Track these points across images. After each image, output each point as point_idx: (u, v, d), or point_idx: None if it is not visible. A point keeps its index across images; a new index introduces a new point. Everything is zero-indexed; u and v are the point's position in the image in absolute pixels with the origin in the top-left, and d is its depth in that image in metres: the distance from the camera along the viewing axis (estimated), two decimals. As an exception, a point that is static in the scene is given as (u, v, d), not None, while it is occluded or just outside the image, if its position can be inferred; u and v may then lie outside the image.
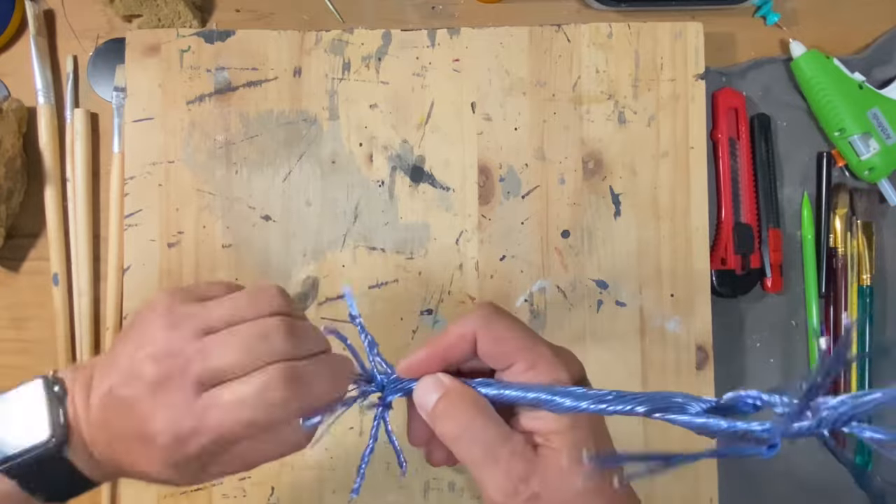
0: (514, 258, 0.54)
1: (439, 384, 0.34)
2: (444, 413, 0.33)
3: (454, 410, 0.33)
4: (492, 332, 0.34)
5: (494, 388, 0.34)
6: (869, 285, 0.56)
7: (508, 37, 0.56)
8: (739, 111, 0.57)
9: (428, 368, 0.35)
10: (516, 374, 0.34)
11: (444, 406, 0.34)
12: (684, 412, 0.30)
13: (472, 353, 0.35)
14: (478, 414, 0.33)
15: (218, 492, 0.53)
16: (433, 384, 0.34)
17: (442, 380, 0.34)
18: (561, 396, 0.32)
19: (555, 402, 0.32)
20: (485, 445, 0.32)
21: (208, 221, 0.55)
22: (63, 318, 0.56)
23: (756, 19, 0.60)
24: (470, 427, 0.33)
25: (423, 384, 0.35)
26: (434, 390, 0.34)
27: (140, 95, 0.55)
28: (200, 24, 0.58)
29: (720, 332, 0.55)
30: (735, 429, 0.28)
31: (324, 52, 0.56)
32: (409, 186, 0.55)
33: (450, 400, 0.34)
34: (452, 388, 0.34)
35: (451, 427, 0.33)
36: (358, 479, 0.36)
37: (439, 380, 0.34)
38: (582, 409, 0.32)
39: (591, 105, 0.55)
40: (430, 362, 0.35)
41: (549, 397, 0.32)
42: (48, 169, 0.57)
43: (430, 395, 0.34)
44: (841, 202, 0.57)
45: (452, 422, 0.33)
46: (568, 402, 0.32)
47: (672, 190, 0.54)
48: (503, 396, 0.33)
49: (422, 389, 0.34)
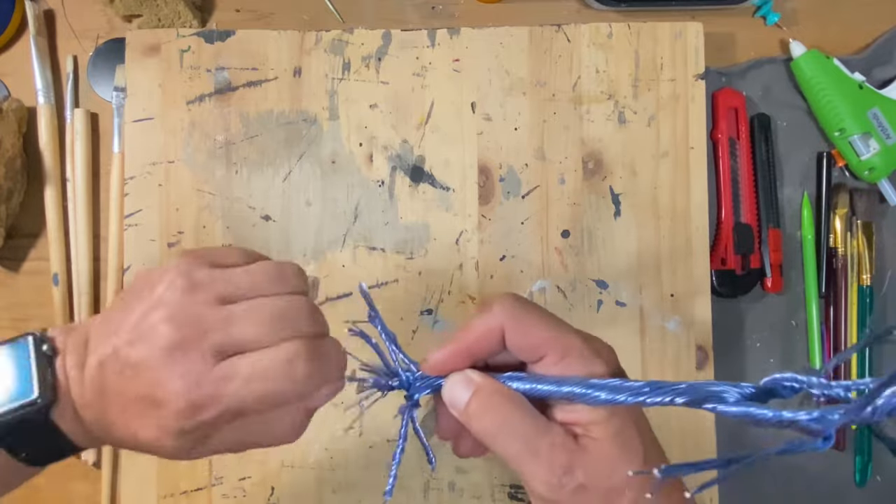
0: (514, 258, 0.54)
1: (469, 382, 0.33)
2: (478, 411, 0.33)
3: (489, 407, 0.33)
4: (520, 324, 0.33)
5: (526, 381, 0.33)
6: (869, 285, 0.56)
7: (508, 37, 0.56)
8: (739, 111, 0.57)
9: (455, 365, 0.34)
10: (548, 365, 0.33)
11: (478, 404, 0.33)
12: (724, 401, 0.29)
13: (500, 346, 0.34)
14: (514, 409, 0.32)
15: (218, 492, 0.53)
16: (463, 382, 0.33)
17: (472, 377, 0.33)
18: (596, 390, 0.31)
19: (590, 396, 0.31)
20: (524, 439, 0.32)
21: (208, 221, 0.55)
22: (63, 319, 0.56)
23: (756, 19, 0.60)
24: (507, 423, 0.32)
25: (451, 382, 0.34)
26: (465, 388, 0.33)
27: (140, 95, 0.55)
28: (200, 24, 0.58)
29: (720, 332, 0.55)
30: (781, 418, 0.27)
31: (324, 52, 0.56)
32: (409, 186, 0.55)
33: (482, 397, 0.33)
34: (483, 384, 0.33)
35: (488, 424, 0.32)
36: (391, 481, 0.35)
37: (469, 377, 0.33)
38: (619, 401, 0.31)
39: (591, 105, 0.55)
40: (456, 358, 0.34)
41: (584, 391, 0.31)
42: (48, 169, 0.57)
43: (460, 393, 0.33)
44: (841, 202, 0.57)
45: (488, 419, 0.32)
46: (604, 395, 0.31)
47: (672, 190, 0.54)
48: (536, 391, 0.32)
49: (451, 387, 0.34)
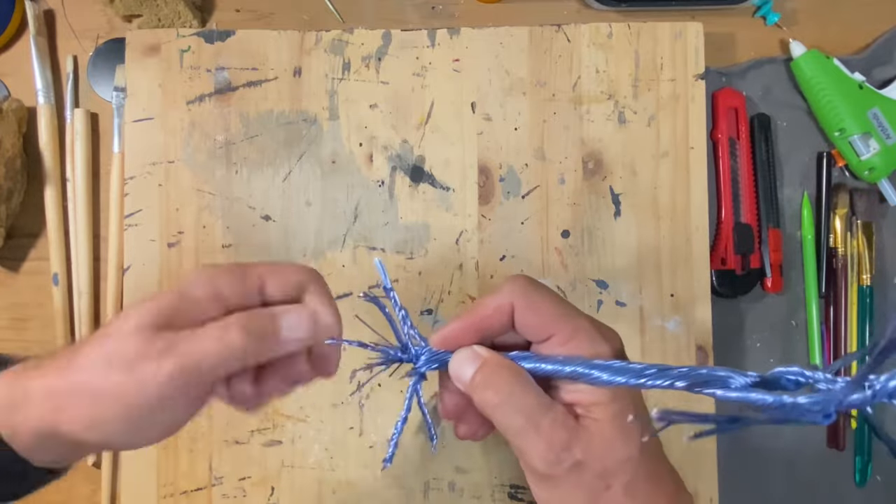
0: (514, 258, 0.54)
1: (476, 356, 0.34)
2: (483, 382, 0.33)
3: (494, 379, 0.33)
4: (530, 303, 0.34)
5: (531, 360, 0.33)
6: (869, 285, 0.56)
7: (508, 37, 0.56)
8: (739, 111, 0.57)
9: (463, 341, 0.35)
10: (554, 345, 0.33)
11: (484, 376, 0.33)
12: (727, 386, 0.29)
13: (508, 325, 0.34)
14: (518, 383, 0.33)
15: (218, 492, 0.53)
16: (470, 356, 0.34)
17: (479, 351, 0.34)
18: (599, 370, 0.32)
19: (593, 376, 0.32)
20: (526, 414, 0.32)
21: (208, 221, 0.55)
22: (63, 318, 0.56)
23: (756, 19, 0.60)
24: (511, 395, 0.33)
25: (459, 356, 0.34)
26: (471, 362, 0.34)
27: (140, 95, 0.55)
28: (200, 24, 0.58)
29: (720, 332, 0.55)
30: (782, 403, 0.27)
31: (324, 52, 0.56)
32: (409, 186, 0.55)
33: (489, 369, 0.33)
34: (490, 358, 0.34)
35: (491, 395, 0.33)
36: (391, 448, 0.36)
37: (476, 351, 0.34)
38: (620, 383, 0.31)
39: (591, 105, 0.55)
40: (464, 334, 0.35)
41: (588, 371, 0.32)
42: (48, 169, 0.57)
43: (467, 366, 0.34)
44: (841, 202, 0.57)
45: (492, 390, 0.33)
46: (606, 375, 0.31)
47: (672, 190, 0.54)
48: (540, 370, 0.33)
49: (458, 361, 0.34)
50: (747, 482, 0.56)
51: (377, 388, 0.53)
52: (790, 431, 0.56)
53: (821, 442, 0.57)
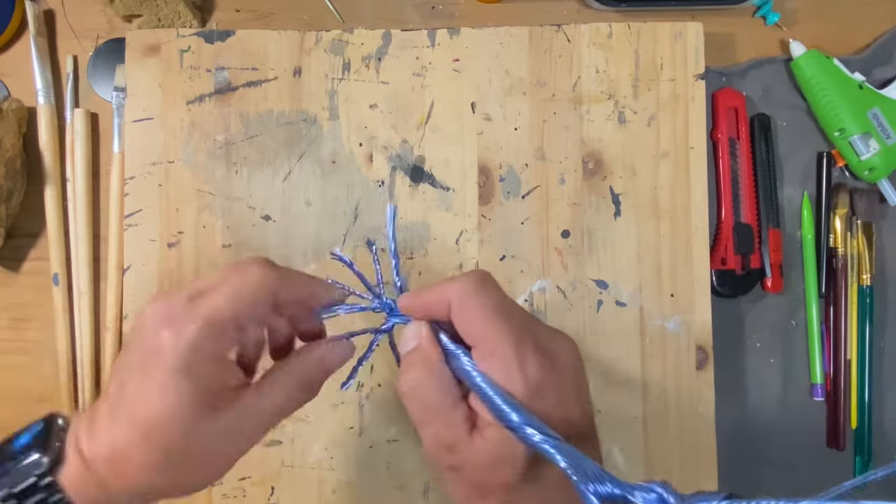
0: (514, 258, 0.54)
1: (417, 336, 0.35)
2: (406, 365, 0.35)
3: (414, 365, 0.34)
4: (463, 308, 0.33)
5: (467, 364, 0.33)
6: (869, 285, 0.56)
7: (508, 37, 0.56)
8: (739, 111, 0.57)
9: (416, 314, 0.36)
10: (476, 356, 0.33)
11: (409, 359, 0.35)
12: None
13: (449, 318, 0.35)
14: (430, 377, 0.34)
15: (218, 492, 0.53)
16: (414, 332, 0.36)
17: (422, 333, 0.35)
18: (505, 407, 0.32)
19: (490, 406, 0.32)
20: (423, 407, 0.34)
21: (208, 221, 0.55)
22: (63, 318, 0.56)
23: (756, 19, 0.60)
24: (418, 386, 0.34)
25: (409, 327, 0.36)
26: (413, 338, 0.35)
27: (140, 95, 0.55)
28: (200, 24, 0.58)
29: (720, 332, 0.55)
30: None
31: (324, 52, 0.56)
32: (409, 186, 0.55)
33: (415, 355, 0.35)
34: (423, 344, 0.35)
35: (405, 379, 0.34)
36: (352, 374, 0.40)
37: (419, 332, 0.35)
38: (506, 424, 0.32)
39: (591, 105, 0.55)
40: (417, 311, 0.36)
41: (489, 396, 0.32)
42: (48, 169, 0.57)
43: (408, 341, 0.36)
44: (841, 202, 0.57)
45: (407, 375, 0.34)
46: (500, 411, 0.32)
47: (672, 190, 0.54)
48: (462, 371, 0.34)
49: (406, 332, 0.36)
50: (747, 482, 0.56)
51: (377, 387, 0.54)
52: (790, 431, 0.56)
53: (821, 442, 0.57)
